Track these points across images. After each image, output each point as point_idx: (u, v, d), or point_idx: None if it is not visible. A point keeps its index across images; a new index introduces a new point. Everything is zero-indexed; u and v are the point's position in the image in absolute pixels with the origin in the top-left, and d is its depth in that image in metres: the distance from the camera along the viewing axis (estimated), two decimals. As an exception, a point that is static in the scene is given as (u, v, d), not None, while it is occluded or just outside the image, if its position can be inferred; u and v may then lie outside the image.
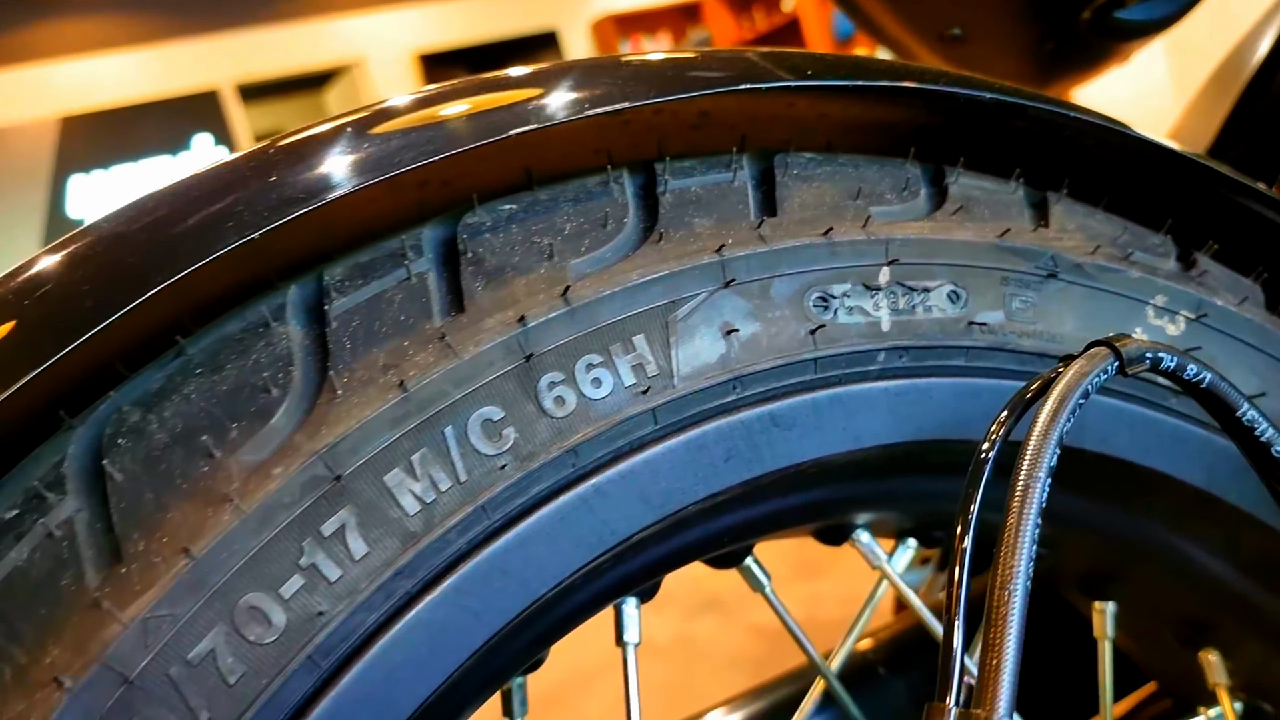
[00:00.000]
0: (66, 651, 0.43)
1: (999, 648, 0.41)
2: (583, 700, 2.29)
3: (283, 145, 0.53)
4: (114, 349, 0.50)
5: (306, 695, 0.47)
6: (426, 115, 0.54)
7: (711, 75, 0.58)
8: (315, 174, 0.51)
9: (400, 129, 0.53)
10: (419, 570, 0.49)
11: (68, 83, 8.68)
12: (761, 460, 0.56)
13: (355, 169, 0.51)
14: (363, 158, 0.52)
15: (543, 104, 0.55)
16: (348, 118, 0.54)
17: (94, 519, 0.46)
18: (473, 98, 0.55)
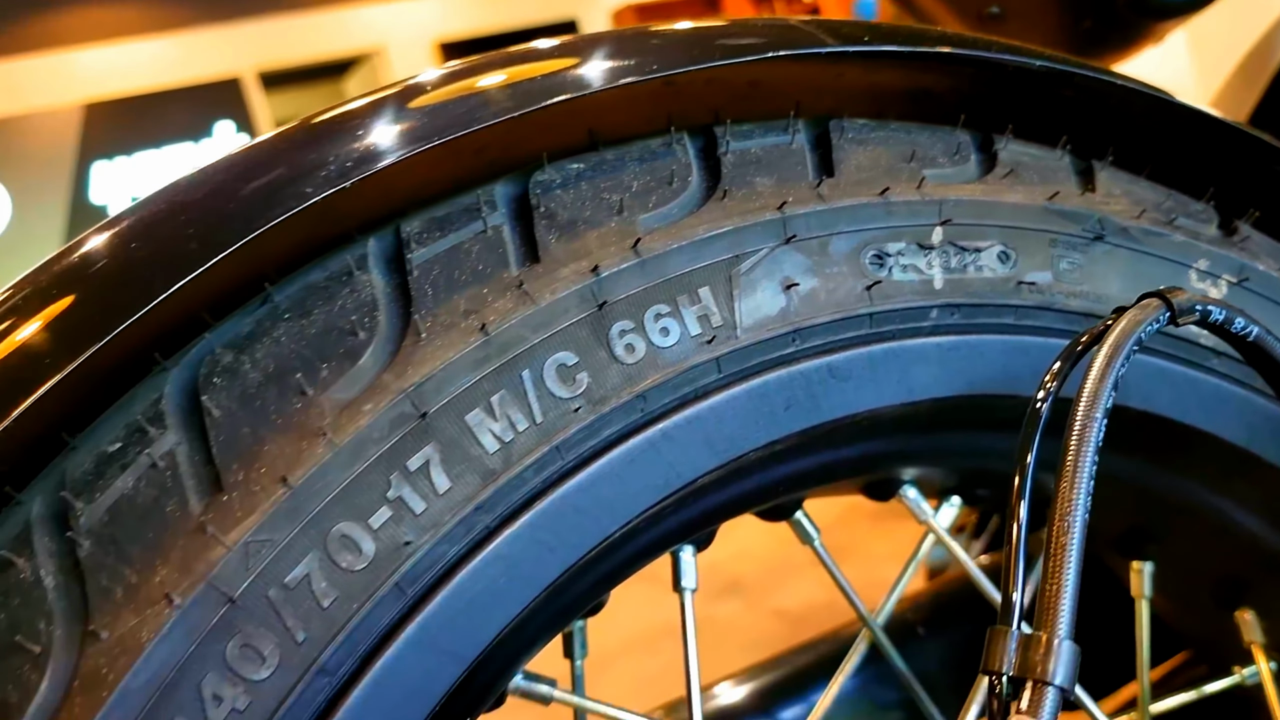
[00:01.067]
0: (174, 571, 0.46)
1: (1059, 574, 0.43)
2: (600, 681, 2.32)
3: (358, 108, 0.55)
4: (201, 299, 0.52)
5: (394, 621, 0.49)
6: (489, 80, 0.56)
7: (762, 41, 0.60)
8: (395, 131, 0.53)
9: (465, 93, 0.56)
10: (497, 506, 0.51)
11: (92, 69, 8.75)
12: (819, 410, 0.58)
13: (429, 129, 0.54)
14: (434, 119, 0.54)
15: (606, 67, 0.57)
16: (420, 80, 0.57)
17: (193, 451, 0.49)
18: (532, 64, 0.57)
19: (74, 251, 0.52)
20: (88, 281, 0.50)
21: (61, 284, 0.50)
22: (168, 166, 8.93)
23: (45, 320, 0.50)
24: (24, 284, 0.51)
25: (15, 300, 0.50)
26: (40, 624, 0.45)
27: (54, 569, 0.46)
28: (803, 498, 0.69)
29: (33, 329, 0.50)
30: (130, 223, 0.51)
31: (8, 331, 0.50)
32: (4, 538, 0.47)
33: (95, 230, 0.52)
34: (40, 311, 0.50)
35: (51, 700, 0.44)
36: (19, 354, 0.49)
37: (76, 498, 0.47)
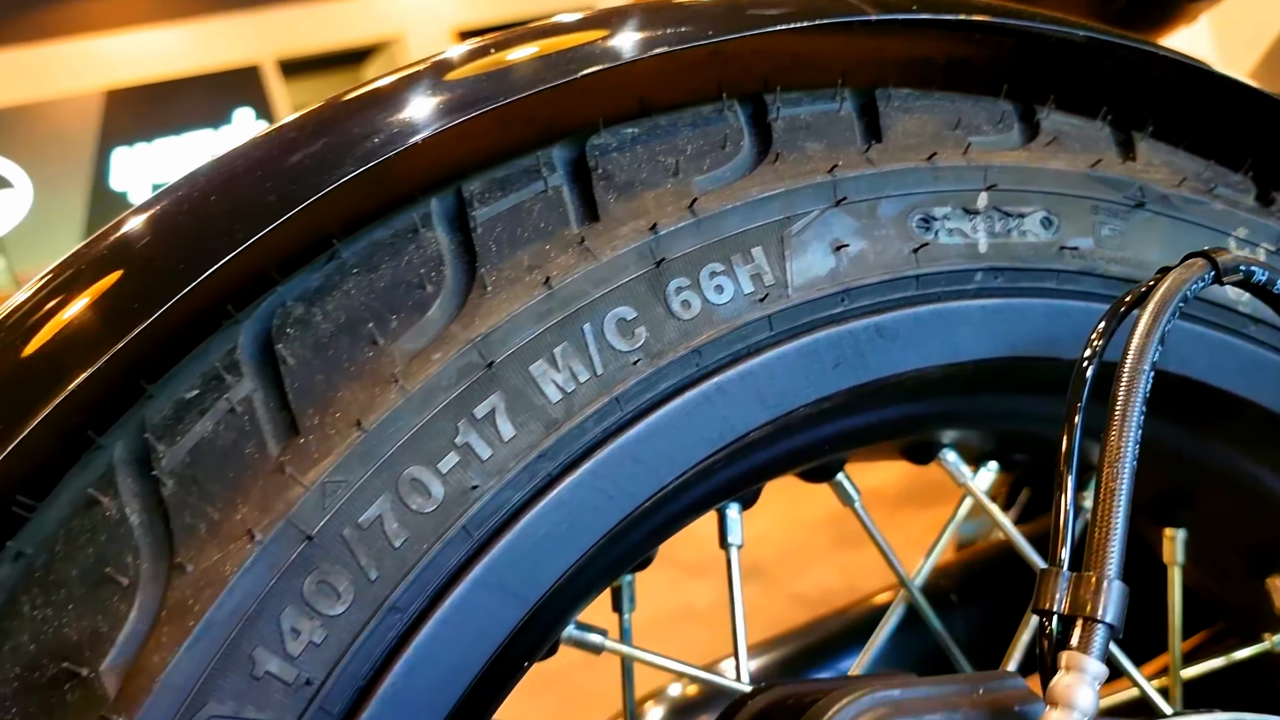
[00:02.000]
0: (254, 510, 0.48)
1: (1108, 517, 0.45)
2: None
3: (423, 71, 0.57)
4: (269, 257, 0.54)
5: (460, 562, 0.51)
6: (544, 48, 0.58)
7: (804, 10, 0.61)
8: (457, 95, 0.55)
9: (517, 61, 0.57)
10: (559, 454, 0.53)
11: (113, 56, 8.80)
12: (867, 368, 0.60)
13: (486, 92, 0.55)
14: (491, 84, 0.56)
15: (655, 35, 0.58)
16: (476, 45, 0.58)
17: (269, 398, 0.51)
18: (585, 31, 0.59)
19: (150, 208, 0.54)
20: (168, 235, 0.52)
21: (143, 237, 0.52)
22: (188, 153, 8.97)
23: (126, 272, 0.52)
24: (105, 236, 0.53)
25: (98, 252, 0.52)
26: (127, 558, 0.47)
27: (138, 507, 0.48)
28: (845, 459, 0.71)
29: (114, 281, 0.52)
30: (208, 179, 0.53)
31: (90, 284, 0.52)
32: (89, 478, 0.49)
33: (170, 188, 0.54)
34: (121, 264, 0.52)
35: (140, 629, 0.46)
36: (102, 305, 0.51)
37: (158, 440, 0.49)
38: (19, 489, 0.49)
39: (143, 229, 0.53)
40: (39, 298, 0.53)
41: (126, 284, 0.50)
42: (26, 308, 0.53)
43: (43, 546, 0.49)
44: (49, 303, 0.53)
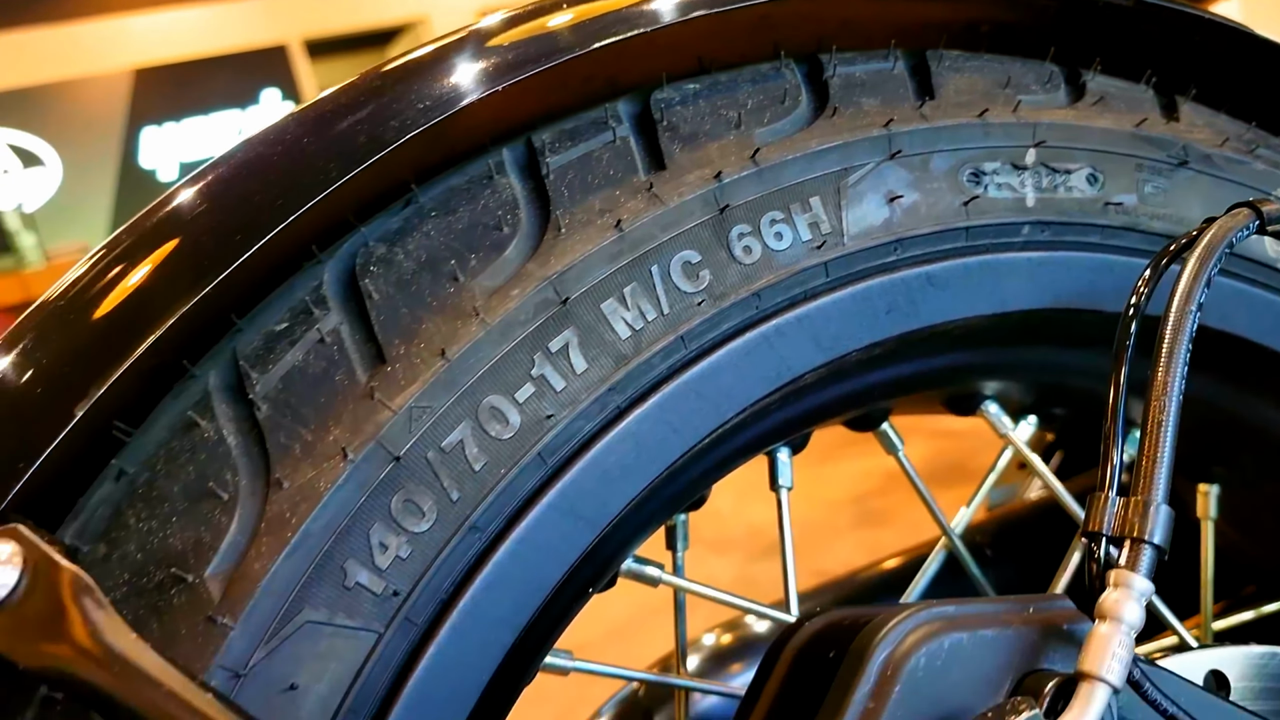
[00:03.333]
0: (345, 431, 0.51)
1: (1156, 445, 0.47)
2: (633, 643, 2.37)
3: (494, 26, 0.60)
4: (347, 202, 0.57)
5: (535, 487, 0.54)
6: (593, 10, 0.61)
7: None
8: (516, 54, 0.58)
9: (572, 22, 0.60)
10: (628, 388, 0.56)
11: (142, 36, 8.86)
12: (918, 315, 0.62)
13: (554, 48, 0.58)
14: (546, 43, 0.58)
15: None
16: (535, 6, 0.61)
17: (355, 330, 0.54)
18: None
19: (243, 151, 0.57)
20: (264, 173, 0.55)
21: (238, 177, 0.55)
22: (215, 133, 9.03)
23: (221, 211, 0.55)
24: (200, 178, 0.56)
25: (195, 191, 0.55)
26: (226, 475, 0.50)
27: (234, 429, 0.52)
28: (890, 408, 0.73)
29: (210, 220, 0.55)
30: (300, 122, 0.56)
31: (188, 221, 0.55)
32: (185, 404, 0.52)
33: (261, 132, 0.57)
34: (218, 203, 0.55)
35: (240, 540, 0.49)
36: (198, 242, 0.54)
37: (251, 368, 0.52)
38: (117, 416, 0.52)
39: (237, 169, 0.55)
40: (138, 237, 0.56)
41: (223, 221, 0.53)
42: (126, 246, 0.56)
43: (144, 465, 0.52)
44: (147, 242, 0.56)
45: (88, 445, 0.52)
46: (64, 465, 0.50)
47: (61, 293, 0.52)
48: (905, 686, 0.46)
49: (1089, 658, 0.44)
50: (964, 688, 0.47)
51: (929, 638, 0.47)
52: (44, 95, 8.71)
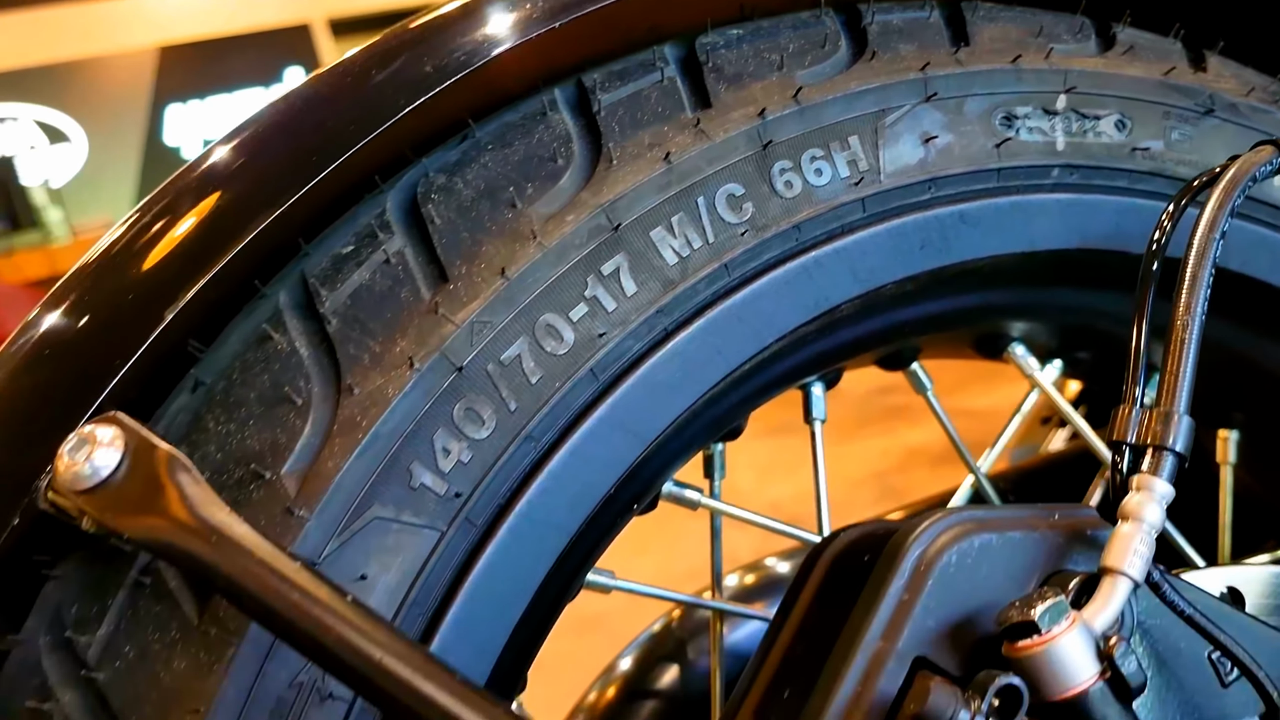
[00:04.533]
0: (411, 343, 0.54)
1: (1179, 359, 0.50)
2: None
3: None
4: (406, 138, 0.60)
5: (587, 401, 0.57)
6: None
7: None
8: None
9: None
10: (675, 311, 0.59)
11: (166, 13, 8.91)
12: (950, 251, 0.65)
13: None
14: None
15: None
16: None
17: (418, 252, 0.57)
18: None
19: (311, 84, 0.60)
20: (332, 102, 0.58)
21: (310, 105, 0.59)
22: (239, 111, 9.08)
23: (296, 136, 0.58)
24: (276, 108, 0.59)
25: (269, 119, 0.59)
26: (300, 382, 0.54)
27: (306, 342, 0.55)
28: (920, 347, 0.76)
29: (282, 141, 0.58)
30: (367, 57, 0.59)
31: (263, 145, 0.59)
32: (257, 320, 0.56)
33: (329, 69, 0.60)
34: (291, 129, 0.58)
35: (314, 442, 0.53)
36: (271, 168, 0.57)
37: (321, 286, 0.56)
38: (191, 335, 0.56)
39: (310, 99, 0.59)
40: (212, 165, 0.59)
41: (298, 146, 0.57)
42: (200, 173, 0.59)
43: (221, 375, 0.55)
44: (220, 169, 0.59)
45: (164, 362, 0.55)
46: (146, 374, 0.54)
47: (149, 211, 0.55)
48: (937, 581, 0.49)
49: (1112, 554, 0.47)
50: (992, 585, 0.50)
51: (960, 538, 0.50)
52: (70, 72, 8.78)
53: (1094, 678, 0.45)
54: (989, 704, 0.43)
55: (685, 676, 0.90)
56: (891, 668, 0.47)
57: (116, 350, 0.51)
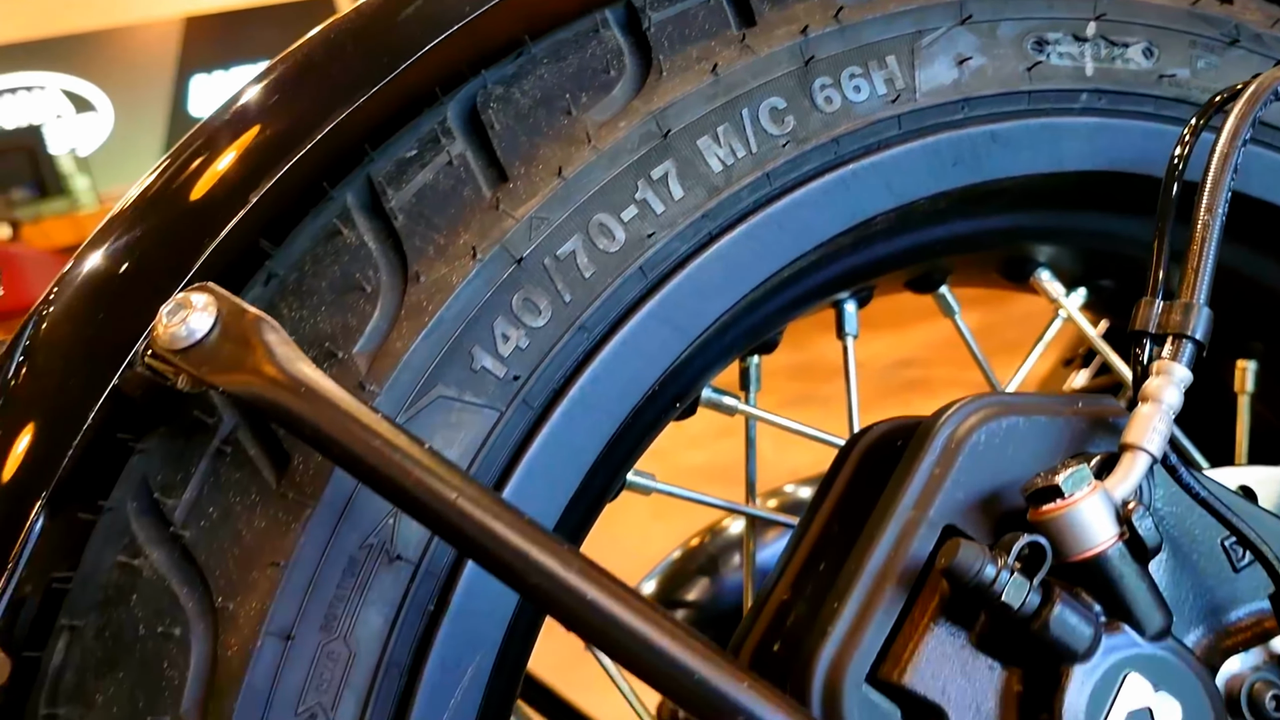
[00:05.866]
0: (474, 236, 0.58)
1: (1201, 253, 0.53)
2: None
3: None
4: (465, 54, 0.63)
5: (636, 297, 0.61)
6: None
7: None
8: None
9: None
10: (719, 216, 0.62)
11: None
12: (981, 169, 0.68)
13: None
14: None
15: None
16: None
17: (479, 155, 0.60)
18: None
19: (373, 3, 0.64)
20: (393, 14, 0.61)
21: (373, 17, 0.62)
22: (263, 82, 9.12)
23: (357, 46, 0.62)
24: (344, 19, 0.63)
25: (334, 30, 0.62)
26: (368, 271, 0.57)
27: (374, 236, 0.59)
28: (949, 268, 0.79)
29: (343, 57, 0.62)
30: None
31: (325, 59, 0.62)
32: (326, 218, 0.59)
33: None
34: (353, 39, 0.62)
35: (383, 325, 0.56)
36: (336, 76, 0.61)
37: (387, 186, 0.59)
38: (262, 233, 0.59)
39: (375, 11, 0.62)
40: (279, 75, 0.63)
41: (371, 48, 0.60)
42: (269, 82, 0.63)
43: (293, 267, 0.59)
44: (286, 79, 0.63)
45: (239, 258, 0.59)
46: (223, 270, 0.58)
47: (230, 110, 0.59)
48: (967, 458, 0.52)
49: (1132, 431, 0.51)
50: (1019, 463, 0.53)
51: (988, 419, 0.53)
52: (96, 41, 8.85)
53: (1113, 539, 0.48)
54: (1015, 560, 0.47)
55: (716, 589, 0.94)
56: (923, 534, 0.51)
57: (205, 230, 0.54)
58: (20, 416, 0.53)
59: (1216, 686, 0.50)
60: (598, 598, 0.43)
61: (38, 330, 0.54)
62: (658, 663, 0.43)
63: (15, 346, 0.55)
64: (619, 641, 0.43)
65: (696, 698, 0.43)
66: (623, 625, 0.43)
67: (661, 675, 0.43)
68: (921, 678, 0.49)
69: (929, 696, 0.49)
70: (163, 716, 0.51)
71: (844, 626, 0.49)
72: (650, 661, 0.43)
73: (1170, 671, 0.49)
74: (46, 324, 0.55)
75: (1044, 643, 0.47)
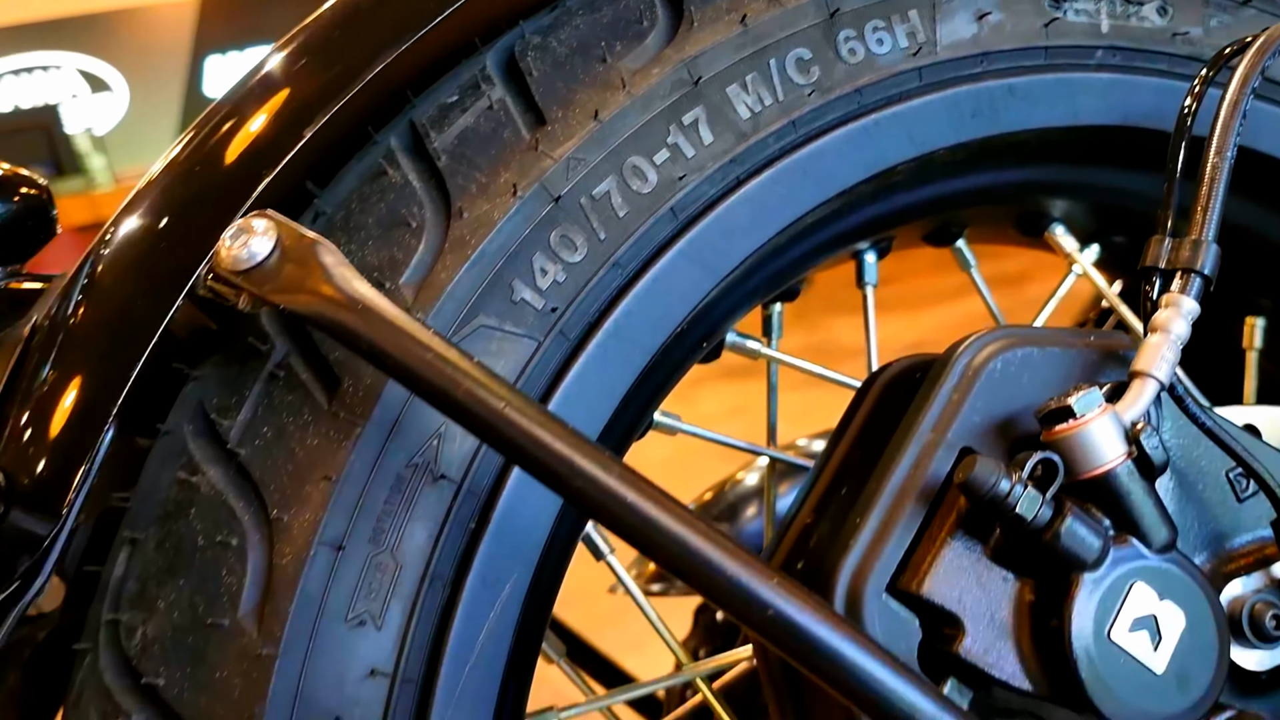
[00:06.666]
0: (513, 175, 0.61)
1: (1209, 194, 0.56)
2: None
3: None
4: (499, 8, 0.66)
5: (667, 236, 0.63)
6: None
7: None
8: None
9: None
10: (746, 161, 0.65)
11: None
12: (999, 121, 0.71)
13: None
14: None
15: None
16: None
17: (518, 100, 0.63)
18: None
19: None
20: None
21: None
22: (277, 63, 9.14)
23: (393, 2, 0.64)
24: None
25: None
26: (414, 208, 0.60)
27: (418, 175, 0.61)
28: (966, 222, 0.82)
29: (388, 6, 0.64)
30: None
31: (368, 9, 0.65)
32: (374, 158, 0.62)
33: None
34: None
35: (427, 258, 0.59)
36: (380, 25, 0.64)
37: (430, 129, 0.62)
38: (307, 177, 0.62)
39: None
40: (322, 25, 0.66)
41: (405, 5, 0.63)
42: (316, 30, 0.66)
43: (340, 205, 0.62)
44: (330, 31, 0.66)
45: (287, 198, 0.62)
46: (277, 200, 0.60)
47: (287, 48, 0.62)
48: (984, 384, 0.55)
49: (1141, 359, 0.53)
50: (1033, 390, 0.56)
51: (1005, 349, 0.56)
52: (112, 21, 8.88)
53: (1121, 457, 0.51)
54: (1028, 475, 0.50)
55: (734, 535, 0.97)
56: (941, 455, 0.54)
57: (263, 163, 0.57)
58: (88, 338, 0.56)
59: (1218, 596, 0.53)
60: (636, 500, 0.46)
61: (102, 257, 0.57)
62: (691, 559, 0.46)
63: (81, 273, 0.58)
64: (654, 541, 0.46)
65: (728, 593, 0.46)
66: (659, 526, 0.46)
67: (694, 571, 0.46)
68: (939, 588, 0.52)
69: (946, 605, 0.51)
70: (222, 619, 0.54)
71: (865, 540, 0.52)
72: (684, 559, 0.46)
73: (1174, 582, 0.52)
74: (111, 251, 0.58)
75: (1055, 553, 0.50)
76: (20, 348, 0.57)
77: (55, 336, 0.56)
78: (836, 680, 0.45)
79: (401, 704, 0.55)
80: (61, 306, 0.57)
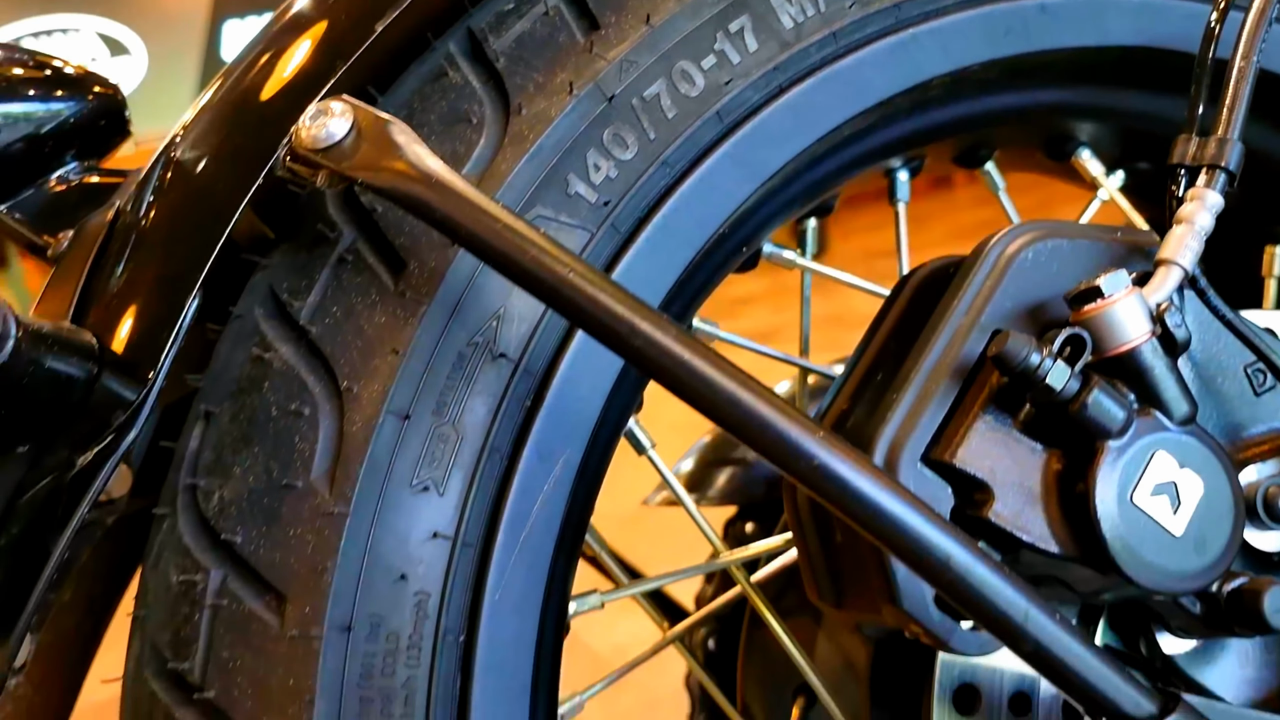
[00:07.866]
0: (569, 75, 0.64)
1: (1235, 96, 0.59)
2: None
3: None
4: None
5: (713, 139, 0.66)
6: None
7: None
8: None
9: None
10: (789, 69, 0.68)
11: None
12: (1030, 39, 0.73)
13: None
14: None
15: None
16: None
17: (572, 6, 0.66)
18: None
19: None
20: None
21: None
22: (296, 29, 9.14)
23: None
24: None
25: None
26: (474, 106, 0.64)
27: (476, 76, 0.65)
28: (995, 145, 0.85)
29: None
30: None
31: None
32: (434, 61, 0.65)
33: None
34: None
35: (487, 152, 0.63)
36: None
37: (488, 34, 0.65)
38: (369, 82, 0.65)
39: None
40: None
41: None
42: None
43: (401, 105, 0.65)
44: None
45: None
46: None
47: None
48: (1015, 271, 0.58)
49: (1166, 248, 0.56)
50: (1062, 280, 0.59)
51: (1036, 240, 0.59)
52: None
53: (1146, 334, 0.54)
54: (1058, 350, 0.53)
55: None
56: (975, 336, 0.57)
57: (338, 52, 0.61)
58: (173, 216, 0.60)
59: (1233, 466, 0.56)
60: (691, 359, 0.49)
61: (186, 139, 0.61)
62: (742, 413, 0.49)
63: (160, 162, 0.61)
64: (707, 398, 0.50)
65: (775, 446, 0.49)
66: (713, 382, 0.49)
67: (744, 424, 0.49)
68: (971, 457, 0.55)
69: (978, 474, 0.55)
70: (295, 481, 0.58)
71: (902, 412, 0.56)
72: (735, 415, 0.49)
73: (1194, 452, 0.55)
74: (191, 137, 0.61)
75: (1081, 423, 0.53)
76: (105, 230, 0.61)
77: (140, 217, 0.60)
78: (870, 525, 0.49)
79: (461, 566, 0.59)
80: (144, 190, 0.61)
